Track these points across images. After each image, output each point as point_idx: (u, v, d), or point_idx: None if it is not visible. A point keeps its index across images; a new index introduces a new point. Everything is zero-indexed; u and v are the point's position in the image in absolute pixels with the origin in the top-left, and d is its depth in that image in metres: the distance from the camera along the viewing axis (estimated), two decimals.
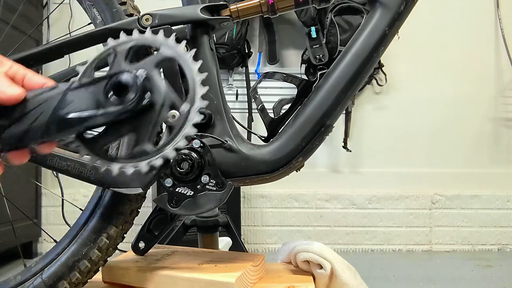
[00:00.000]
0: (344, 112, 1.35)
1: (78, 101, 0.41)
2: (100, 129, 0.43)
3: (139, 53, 0.47)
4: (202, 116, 0.43)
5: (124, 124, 0.42)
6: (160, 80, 0.43)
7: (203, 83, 0.44)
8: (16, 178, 1.63)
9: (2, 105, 0.39)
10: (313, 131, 0.59)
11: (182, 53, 0.45)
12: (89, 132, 0.42)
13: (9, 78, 0.40)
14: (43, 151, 0.43)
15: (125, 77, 0.41)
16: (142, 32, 0.56)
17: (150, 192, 1.05)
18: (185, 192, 0.58)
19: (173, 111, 0.42)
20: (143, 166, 0.42)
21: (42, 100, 0.41)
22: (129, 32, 0.60)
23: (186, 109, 0.43)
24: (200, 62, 0.44)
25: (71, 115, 0.40)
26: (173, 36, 0.46)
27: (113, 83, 0.41)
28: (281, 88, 1.96)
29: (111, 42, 0.47)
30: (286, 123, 0.62)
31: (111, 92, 0.41)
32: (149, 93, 0.42)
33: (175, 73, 0.58)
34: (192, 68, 0.44)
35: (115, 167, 0.43)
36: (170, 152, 0.42)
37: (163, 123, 0.43)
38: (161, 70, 0.60)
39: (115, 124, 0.42)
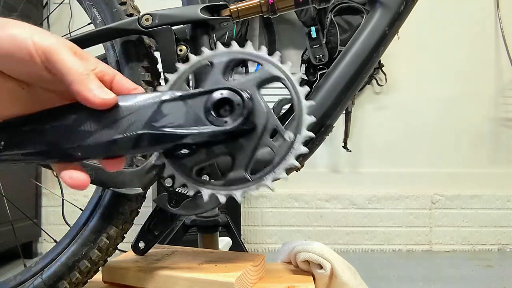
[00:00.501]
0: (344, 112, 1.35)
1: (175, 115, 0.37)
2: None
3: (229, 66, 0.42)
4: (306, 149, 0.40)
5: (220, 145, 0.39)
6: (262, 101, 0.39)
7: (310, 112, 0.41)
8: (16, 178, 1.63)
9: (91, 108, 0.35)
10: (313, 131, 0.59)
11: (289, 74, 0.41)
12: (178, 150, 0.39)
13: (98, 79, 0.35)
14: (111, 168, 0.38)
15: (231, 95, 0.37)
16: (142, 32, 0.56)
17: (150, 192, 1.05)
18: (185, 192, 0.58)
19: (277, 138, 0.39)
20: (238, 195, 0.40)
21: (134, 108, 0.36)
22: (129, 32, 0.61)
23: (291, 138, 0.40)
24: (307, 88, 0.41)
25: (166, 130, 0.36)
26: (278, 55, 0.42)
27: (216, 99, 0.37)
28: (281, 88, 1.95)
29: (207, 52, 0.42)
30: (286, 123, 0.62)
31: (212, 109, 0.37)
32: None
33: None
34: (300, 93, 0.41)
35: (206, 193, 0.40)
36: (269, 183, 0.40)
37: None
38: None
39: (210, 144, 0.38)
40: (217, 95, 0.37)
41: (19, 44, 0.32)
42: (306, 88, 0.41)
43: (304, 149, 0.40)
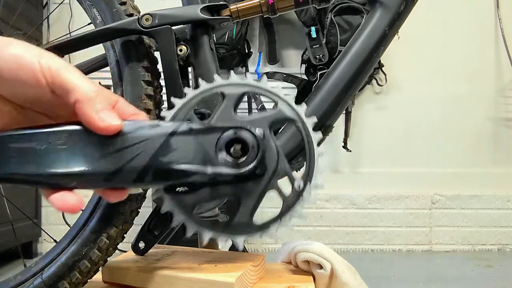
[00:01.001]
0: (344, 112, 1.35)
1: (184, 150, 0.34)
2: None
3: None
4: (314, 199, 0.39)
5: (226, 186, 0.36)
6: (274, 143, 0.37)
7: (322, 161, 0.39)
8: None
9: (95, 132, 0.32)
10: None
11: (304, 118, 0.39)
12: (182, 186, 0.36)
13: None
14: (112, 199, 0.35)
15: (245, 135, 0.35)
16: (142, 32, 0.55)
17: (150, 192, 1.05)
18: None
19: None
20: (240, 242, 0.37)
21: (140, 138, 0.33)
22: (129, 32, 0.61)
23: (300, 187, 0.38)
24: (320, 135, 0.40)
25: (174, 166, 0.34)
26: (293, 98, 0.40)
27: (230, 139, 0.35)
28: (281, 88, 1.95)
29: (219, 80, 0.39)
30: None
31: (224, 149, 0.35)
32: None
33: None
34: (313, 139, 0.39)
35: (206, 236, 0.38)
36: (274, 232, 0.38)
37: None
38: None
39: (215, 184, 0.36)
40: (230, 134, 0.35)
41: (24, 64, 0.30)
42: (319, 135, 0.40)
43: (312, 199, 0.38)
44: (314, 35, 1.84)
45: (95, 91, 0.32)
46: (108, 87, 0.63)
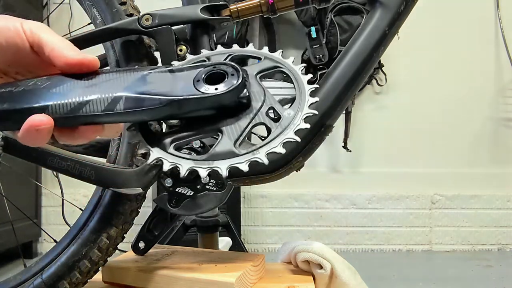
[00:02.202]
0: (344, 112, 1.35)
1: (160, 83, 0.34)
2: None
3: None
4: (308, 125, 0.38)
5: (208, 120, 0.36)
6: (260, 84, 0.38)
7: (312, 94, 0.40)
8: (16, 178, 1.63)
9: (77, 69, 0.35)
10: (313, 131, 0.59)
11: (291, 64, 0.42)
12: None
13: None
14: (88, 135, 0.36)
15: (225, 68, 0.36)
16: (142, 32, 0.55)
17: (150, 192, 1.05)
18: (185, 192, 0.58)
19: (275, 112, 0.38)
20: (224, 168, 0.35)
21: (115, 76, 0.35)
22: (129, 32, 0.61)
23: (290, 114, 0.38)
24: (310, 75, 0.42)
25: (147, 95, 0.34)
26: (279, 52, 0.43)
27: (209, 71, 0.35)
28: (281, 88, 1.95)
29: (205, 52, 0.42)
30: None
31: (203, 80, 0.35)
32: (246, 91, 0.36)
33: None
34: (303, 78, 0.42)
35: (185, 168, 0.35)
36: (263, 156, 0.36)
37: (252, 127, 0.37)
38: None
39: (196, 114, 0.35)
40: (209, 68, 0.36)
41: (9, 28, 0.35)
42: (309, 76, 0.41)
43: (305, 125, 0.38)
44: (314, 35, 1.84)
45: (67, 41, 0.37)
46: (104, 58, 0.64)
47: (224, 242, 1.17)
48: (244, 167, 0.35)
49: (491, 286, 1.50)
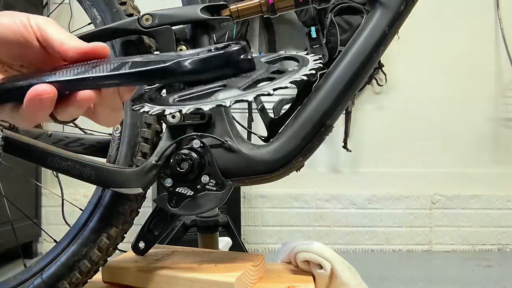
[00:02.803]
0: (344, 112, 1.35)
1: (167, 56, 0.37)
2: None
3: None
4: (313, 72, 0.39)
5: (215, 81, 0.37)
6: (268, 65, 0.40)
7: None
8: (16, 178, 1.63)
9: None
10: (313, 131, 0.59)
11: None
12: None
13: None
14: (84, 102, 0.37)
15: (229, 42, 0.38)
16: (142, 32, 0.55)
17: (150, 192, 1.05)
18: (185, 192, 0.58)
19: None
20: (228, 102, 0.35)
21: (127, 58, 0.37)
22: (129, 32, 0.61)
23: (295, 67, 0.39)
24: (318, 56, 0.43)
25: (153, 60, 0.36)
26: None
27: (213, 47, 0.37)
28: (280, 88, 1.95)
29: None
30: (286, 123, 0.62)
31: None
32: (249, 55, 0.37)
33: None
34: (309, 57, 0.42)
35: (187, 107, 0.35)
36: (270, 89, 0.36)
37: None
38: None
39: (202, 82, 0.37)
40: (213, 46, 0.38)
41: (15, 24, 0.36)
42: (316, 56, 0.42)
43: (312, 71, 0.38)
44: (314, 35, 1.84)
45: (72, 36, 0.38)
46: None
47: (224, 242, 1.17)
48: (250, 98, 0.35)
49: (491, 286, 1.50)
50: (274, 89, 0.36)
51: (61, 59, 0.37)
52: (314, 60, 0.41)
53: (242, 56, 0.37)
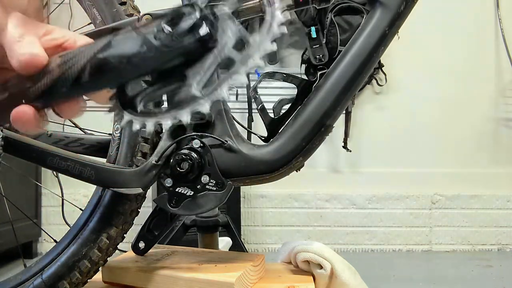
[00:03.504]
0: (344, 112, 1.35)
1: (124, 44, 0.34)
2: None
3: None
4: (274, 47, 0.36)
5: (177, 69, 0.34)
6: (230, 20, 0.35)
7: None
8: (16, 178, 1.63)
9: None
10: (313, 131, 0.59)
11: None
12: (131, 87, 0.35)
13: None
14: (68, 114, 0.37)
15: (186, 10, 0.34)
16: None
17: (150, 192, 1.05)
18: (185, 192, 0.58)
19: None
20: (185, 116, 0.34)
21: (78, 52, 0.34)
22: None
23: (256, 41, 0.36)
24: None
25: (112, 58, 0.33)
26: None
27: (170, 18, 0.34)
28: (281, 88, 1.96)
29: None
30: (286, 123, 0.62)
31: (164, 29, 0.33)
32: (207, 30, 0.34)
33: None
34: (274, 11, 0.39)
35: (151, 123, 0.35)
36: (224, 93, 0.34)
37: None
38: None
39: (164, 73, 0.35)
40: (169, 14, 0.34)
41: None
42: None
43: (272, 47, 0.36)
44: (314, 35, 1.84)
45: (18, 37, 0.34)
46: None
47: (224, 242, 1.17)
48: (207, 107, 0.34)
49: (491, 286, 1.50)
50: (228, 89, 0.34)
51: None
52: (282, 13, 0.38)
53: (199, 35, 0.33)
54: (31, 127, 0.35)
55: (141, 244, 0.65)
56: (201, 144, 0.58)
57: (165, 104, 0.39)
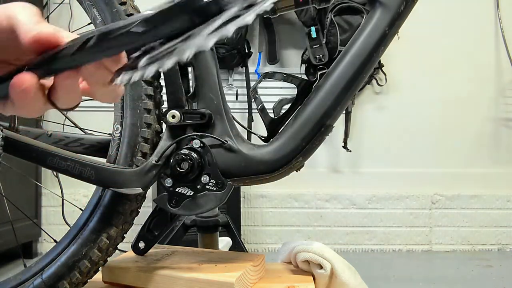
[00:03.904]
0: (344, 112, 1.35)
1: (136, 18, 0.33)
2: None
3: None
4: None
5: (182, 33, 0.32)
6: None
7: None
8: (16, 178, 1.63)
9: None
10: (313, 131, 0.59)
11: None
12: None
13: None
14: (65, 100, 0.35)
15: None
16: None
17: (150, 192, 1.05)
18: (185, 192, 0.58)
19: None
20: (231, 30, 0.33)
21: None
22: None
23: None
24: None
25: (117, 26, 0.32)
26: None
27: None
28: (281, 88, 1.96)
29: None
30: (286, 123, 0.62)
31: None
32: None
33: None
34: None
35: (150, 70, 0.32)
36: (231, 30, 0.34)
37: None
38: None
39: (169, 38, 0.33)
40: None
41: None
42: None
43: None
44: (314, 35, 1.84)
45: (38, 22, 0.34)
46: None
47: (224, 242, 1.17)
48: (210, 43, 0.32)
49: (491, 286, 1.50)
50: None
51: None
52: None
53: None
54: (31, 97, 0.32)
55: (141, 244, 0.65)
56: (201, 144, 0.58)
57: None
